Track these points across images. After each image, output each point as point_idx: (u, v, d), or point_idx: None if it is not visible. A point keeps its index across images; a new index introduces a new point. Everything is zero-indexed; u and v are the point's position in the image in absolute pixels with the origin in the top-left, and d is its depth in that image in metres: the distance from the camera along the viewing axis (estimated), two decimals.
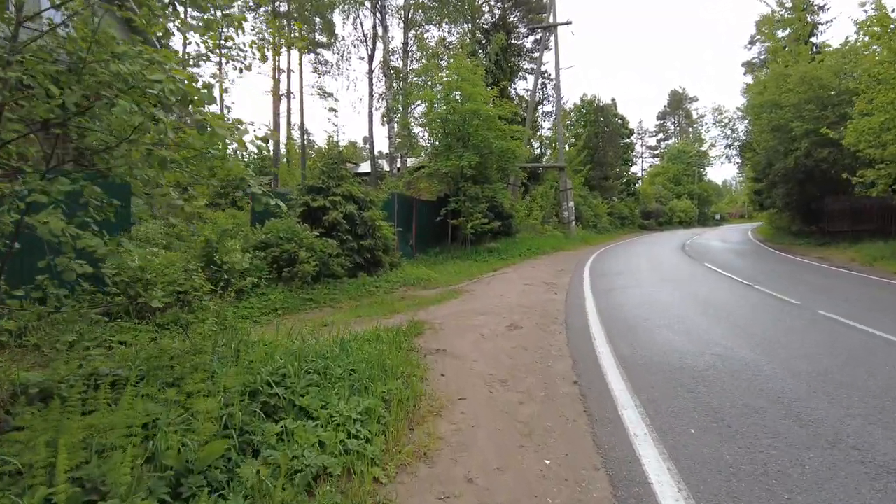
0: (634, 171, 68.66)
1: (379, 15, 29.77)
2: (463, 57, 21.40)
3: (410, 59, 29.33)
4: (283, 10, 37.53)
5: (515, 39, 36.19)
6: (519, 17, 37.09)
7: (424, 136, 22.60)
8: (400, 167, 27.80)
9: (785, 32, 33.41)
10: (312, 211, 12.04)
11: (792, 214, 28.51)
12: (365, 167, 35.61)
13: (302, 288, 10.79)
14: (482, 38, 32.16)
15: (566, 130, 37.15)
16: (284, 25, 38.37)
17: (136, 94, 2.48)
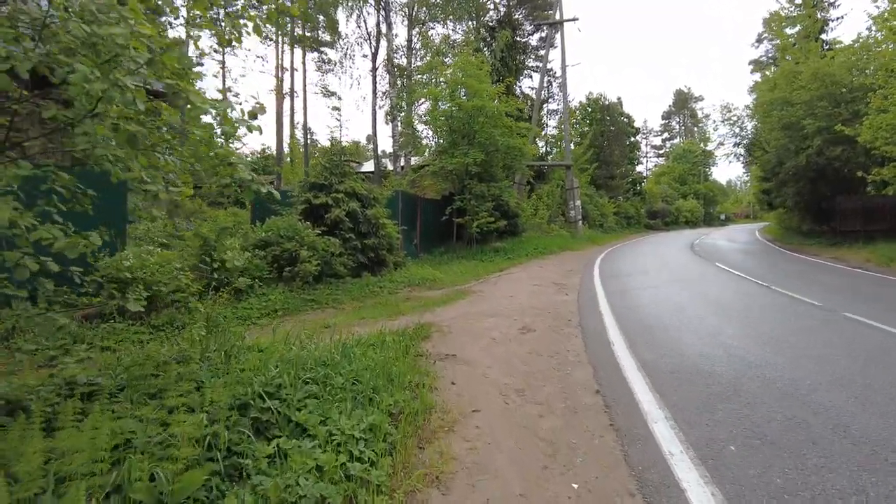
0: (640, 170, 68.06)
1: (383, 12, 29.39)
2: (468, 53, 21.00)
3: (414, 56, 28.96)
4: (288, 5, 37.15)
5: (520, 37, 35.72)
6: (524, 14, 36.59)
7: (428, 134, 22.23)
8: (403, 166, 27.43)
9: (794, 29, 32.89)
10: (314, 208, 11.66)
11: (802, 214, 28.01)
12: (368, 166, 35.28)
13: (303, 288, 10.41)
14: (487, 35, 31.74)
15: (572, 129, 36.67)
16: (287, 22, 38.09)
17: (98, 60, 2.10)
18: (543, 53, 32.73)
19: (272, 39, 40.82)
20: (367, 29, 30.58)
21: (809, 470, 3.18)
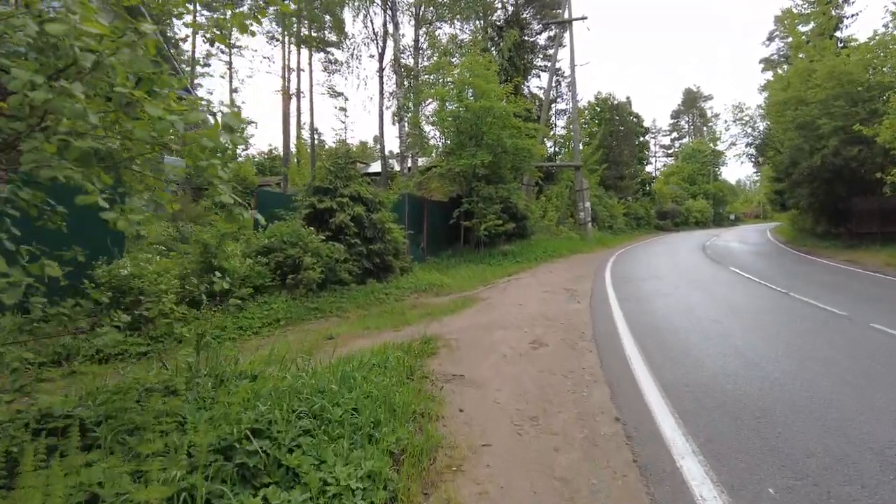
0: (649, 170, 67.44)
1: (389, 12, 29.11)
2: (475, 53, 20.65)
3: (421, 56, 28.65)
4: (292, 7, 37.04)
5: (528, 36, 35.30)
6: (532, 13, 36.17)
7: (436, 135, 21.91)
8: (411, 167, 27.14)
9: (808, 27, 32.28)
10: (319, 213, 11.37)
11: (816, 215, 27.43)
12: (376, 167, 35.06)
13: (307, 296, 10.11)
14: (495, 35, 31.38)
15: (581, 129, 36.19)
16: (294, 22, 37.92)
17: (58, 64, 1.81)
18: (552, 53, 32.35)
19: (278, 40, 40.68)
20: (373, 29, 30.30)
21: None
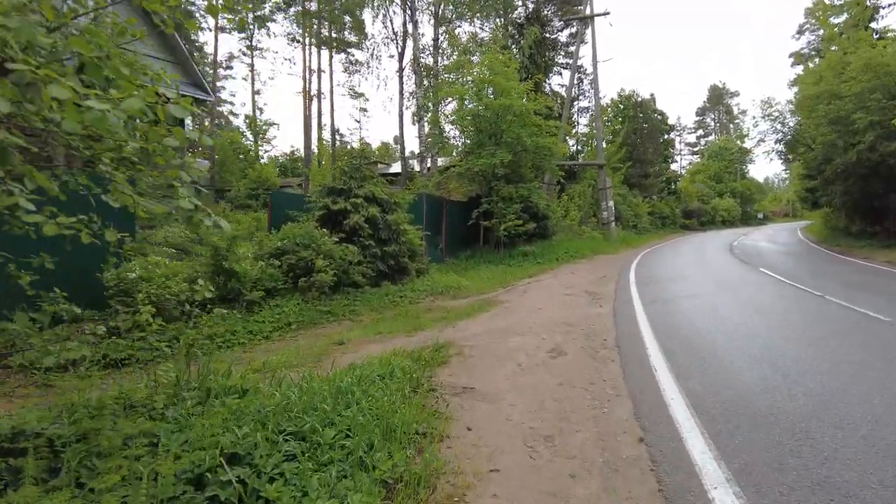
0: (674, 168, 66.10)
1: (409, 12, 28.95)
2: (496, 51, 20.26)
3: (441, 55, 28.40)
4: (312, 8, 37.17)
5: (549, 33, 34.75)
6: (553, 10, 35.61)
7: (455, 134, 21.60)
8: (430, 167, 26.87)
9: (841, 18, 31.11)
10: (333, 214, 11.13)
11: (850, 213, 26.40)
12: (397, 168, 34.99)
13: (319, 299, 9.87)
14: (515, 32, 30.95)
15: (603, 127, 35.46)
16: (314, 24, 38.00)
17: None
18: (573, 50, 31.78)
19: (298, 41, 40.88)
20: (393, 29, 30.23)
21: None
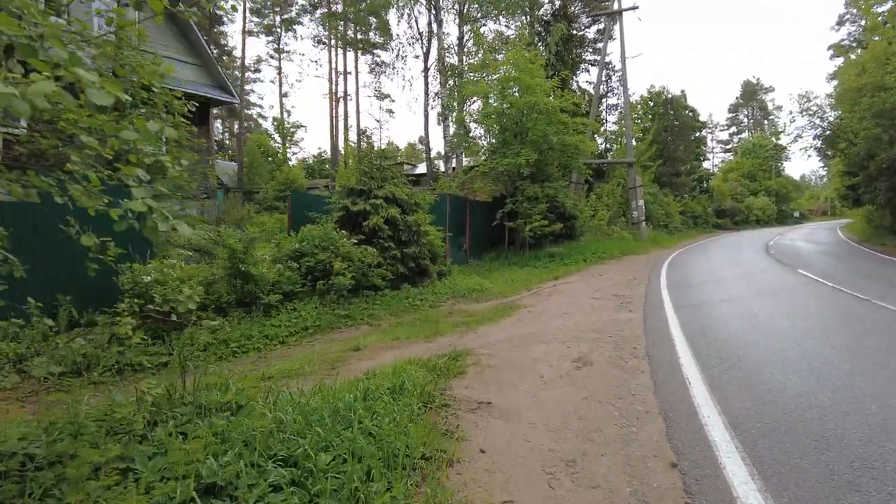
0: (706, 166, 64.34)
1: (434, 11, 28.73)
2: (521, 48, 19.81)
3: (466, 54, 28.06)
4: (338, 10, 37.29)
5: (577, 30, 34.09)
6: (580, 6, 34.94)
7: (480, 133, 21.23)
8: (455, 167, 26.55)
9: (885, 7, 29.67)
10: (352, 216, 10.91)
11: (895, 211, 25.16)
12: (422, 168, 34.88)
13: (338, 302, 9.65)
14: (541, 29, 30.38)
15: (633, 124, 34.58)
16: (340, 26, 38.11)
17: None
18: (601, 46, 31.01)
19: (325, 43, 41.08)
20: (418, 29, 30.08)
21: None
